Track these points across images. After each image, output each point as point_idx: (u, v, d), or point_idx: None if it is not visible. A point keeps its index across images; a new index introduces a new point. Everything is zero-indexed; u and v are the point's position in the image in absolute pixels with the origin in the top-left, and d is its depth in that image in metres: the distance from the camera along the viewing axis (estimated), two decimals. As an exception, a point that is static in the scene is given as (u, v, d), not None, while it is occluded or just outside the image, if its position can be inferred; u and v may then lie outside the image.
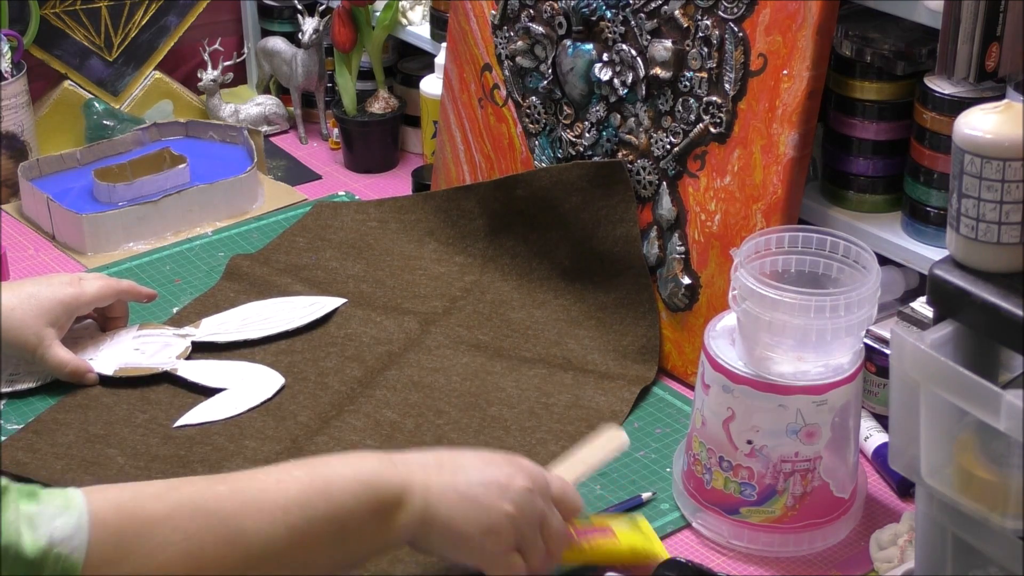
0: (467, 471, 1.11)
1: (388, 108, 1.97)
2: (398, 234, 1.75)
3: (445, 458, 1.13)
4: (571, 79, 1.57)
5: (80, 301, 1.49)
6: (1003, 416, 0.97)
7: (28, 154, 1.89)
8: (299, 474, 1.07)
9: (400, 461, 1.10)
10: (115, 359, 1.50)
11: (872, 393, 1.41)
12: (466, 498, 1.10)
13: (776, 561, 1.28)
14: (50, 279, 1.50)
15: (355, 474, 1.07)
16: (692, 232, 1.49)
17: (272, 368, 1.50)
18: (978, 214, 1.05)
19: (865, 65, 1.42)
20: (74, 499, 0.97)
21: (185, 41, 2.10)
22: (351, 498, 1.06)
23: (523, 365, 1.52)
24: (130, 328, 1.55)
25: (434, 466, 1.11)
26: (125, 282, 1.55)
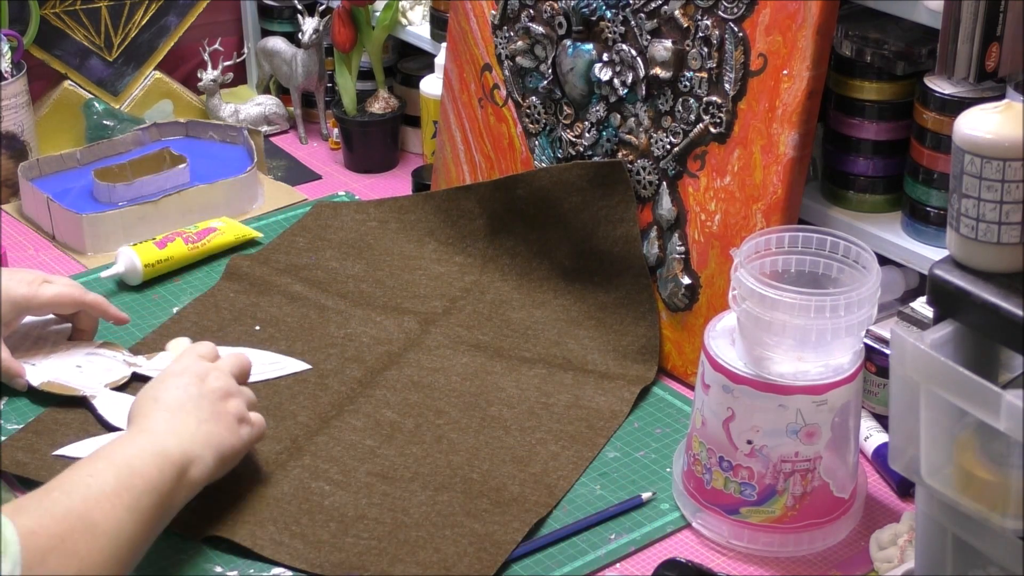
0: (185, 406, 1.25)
1: (388, 108, 1.97)
2: (398, 234, 1.75)
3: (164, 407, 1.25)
4: (571, 79, 1.57)
5: (32, 303, 1.47)
6: (1003, 416, 0.97)
7: (28, 154, 1.89)
8: (101, 466, 1.15)
9: (148, 429, 1.22)
10: (51, 371, 1.48)
11: (872, 393, 1.41)
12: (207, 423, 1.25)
13: (776, 561, 1.28)
14: (13, 274, 1.48)
15: (143, 451, 1.18)
16: (692, 232, 1.49)
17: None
18: (978, 214, 1.05)
19: (865, 65, 1.42)
20: (11, 544, 1.03)
21: (185, 41, 2.10)
22: (155, 469, 1.17)
23: (523, 365, 1.52)
24: (89, 343, 1.53)
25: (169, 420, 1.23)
26: (92, 296, 1.51)
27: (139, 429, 1.23)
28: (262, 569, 1.25)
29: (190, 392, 1.26)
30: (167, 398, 1.26)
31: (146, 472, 1.16)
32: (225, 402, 1.28)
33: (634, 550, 1.28)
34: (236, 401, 1.30)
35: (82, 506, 1.10)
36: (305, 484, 1.33)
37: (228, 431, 1.26)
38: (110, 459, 1.17)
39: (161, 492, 1.17)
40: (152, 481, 1.16)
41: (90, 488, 1.12)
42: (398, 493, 1.33)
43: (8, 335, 1.48)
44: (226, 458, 1.26)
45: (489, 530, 1.28)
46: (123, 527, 1.12)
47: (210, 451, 1.23)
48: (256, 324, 1.59)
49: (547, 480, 1.35)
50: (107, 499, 1.12)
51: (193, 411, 1.25)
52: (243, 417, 1.29)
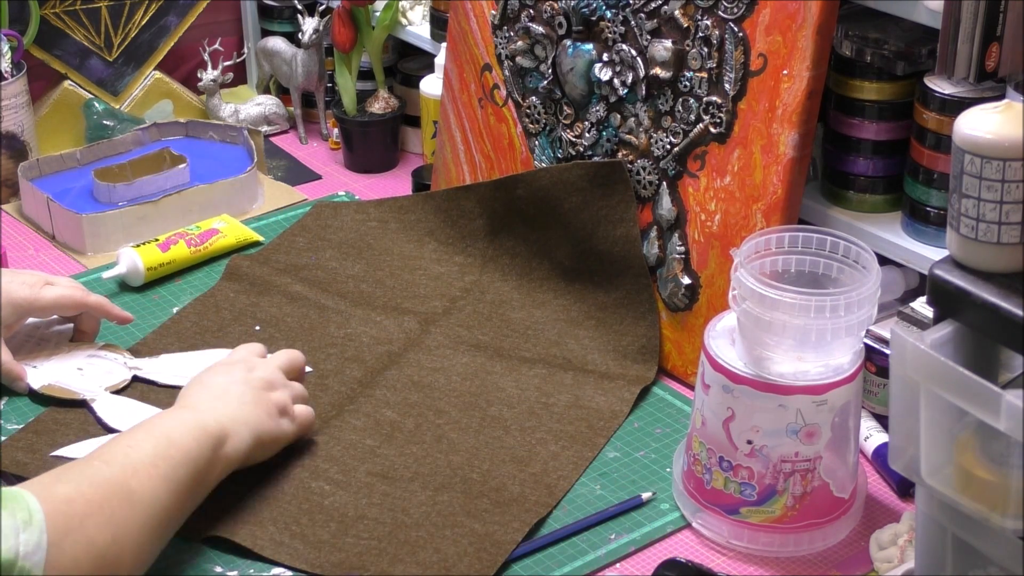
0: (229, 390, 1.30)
1: (388, 108, 1.97)
2: (398, 234, 1.75)
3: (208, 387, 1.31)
4: (571, 79, 1.57)
5: (34, 305, 1.47)
6: (1003, 416, 0.97)
7: (28, 154, 1.89)
8: (141, 436, 1.20)
9: (190, 405, 1.28)
10: (52, 374, 1.48)
11: (872, 393, 1.41)
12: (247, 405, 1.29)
13: (776, 561, 1.28)
14: (14, 275, 1.48)
15: (183, 423, 1.23)
16: (692, 232, 1.49)
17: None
18: (978, 214, 1.05)
19: (865, 65, 1.42)
20: (35, 514, 1.06)
21: (185, 41, 2.10)
22: (192, 441, 1.21)
23: (523, 365, 1.52)
24: (91, 345, 1.53)
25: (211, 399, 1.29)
26: (95, 297, 1.52)
27: (181, 406, 1.29)
28: (262, 569, 1.25)
29: (235, 378, 1.32)
30: (213, 382, 1.32)
31: (183, 443, 1.20)
32: (268, 391, 1.33)
33: (634, 550, 1.28)
34: (280, 392, 1.34)
35: (120, 474, 1.14)
36: (305, 484, 1.33)
37: (268, 416, 1.31)
38: (150, 431, 1.21)
39: (197, 464, 1.21)
40: (189, 452, 1.20)
41: (128, 457, 1.16)
42: (398, 493, 1.33)
43: (9, 337, 1.48)
44: (264, 441, 1.30)
45: (489, 530, 1.28)
46: (159, 496, 1.16)
47: (247, 430, 1.28)
48: (256, 324, 1.59)
49: (547, 480, 1.35)
50: (144, 468, 1.16)
51: (235, 394, 1.30)
52: (285, 408, 1.34)
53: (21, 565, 1.03)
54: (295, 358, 1.41)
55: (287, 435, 1.34)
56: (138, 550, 1.13)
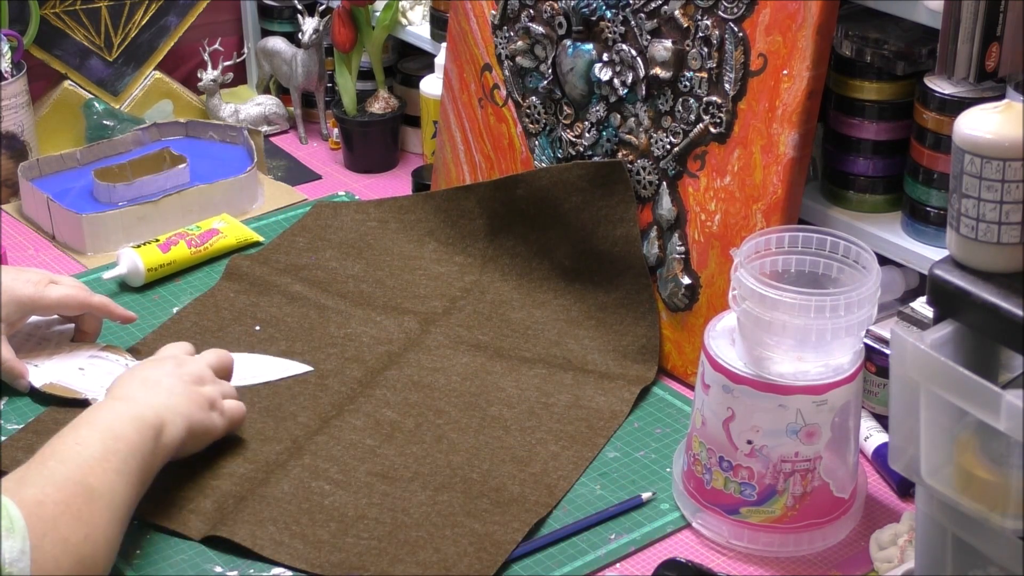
0: (160, 382, 1.32)
1: (388, 108, 1.97)
2: (398, 234, 1.75)
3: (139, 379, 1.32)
4: (571, 79, 1.57)
5: (38, 304, 1.47)
6: (1003, 416, 0.97)
7: (28, 154, 1.89)
8: (85, 432, 1.21)
9: (122, 396, 1.29)
10: (54, 373, 1.48)
11: (872, 393, 1.41)
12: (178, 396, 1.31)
13: (776, 561, 1.28)
14: (19, 273, 1.48)
15: (121, 415, 1.24)
16: (692, 232, 1.49)
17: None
18: (978, 214, 1.05)
19: (865, 65, 1.42)
20: (16, 521, 1.07)
21: (185, 41, 2.10)
22: (135, 433, 1.23)
23: (523, 365, 1.52)
24: (92, 346, 1.53)
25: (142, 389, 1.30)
26: (98, 298, 1.52)
27: (115, 397, 1.29)
28: (262, 569, 1.25)
29: (166, 370, 1.34)
30: (143, 375, 1.33)
31: (127, 436, 1.22)
32: (198, 385, 1.34)
33: (634, 550, 1.28)
34: (210, 387, 1.36)
35: (78, 472, 1.16)
36: (305, 484, 1.33)
37: (198, 408, 1.33)
38: (93, 425, 1.22)
39: (143, 454, 1.23)
40: (133, 444, 1.22)
41: (80, 455, 1.18)
42: (398, 493, 1.33)
43: (11, 335, 1.48)
44: (196, 432, 1.32)
45: (489, 530, 1.28)
46: (116, 489, 1.18)
47: (180, 419, 1.29)
48: (256, 324, 1.59)
49: (547, 480, 1.35)
50: (98, 464, 1.18)
51: (166, 386, 1.31)
52: (214, 402, 1.35)
53: (8, 573, 1.04)
54: (223, 357, 1.42)
55: (217, 428, 1.35)
56: (108, 545, 1.15)
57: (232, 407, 1.37)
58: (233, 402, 1.38)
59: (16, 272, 1.48)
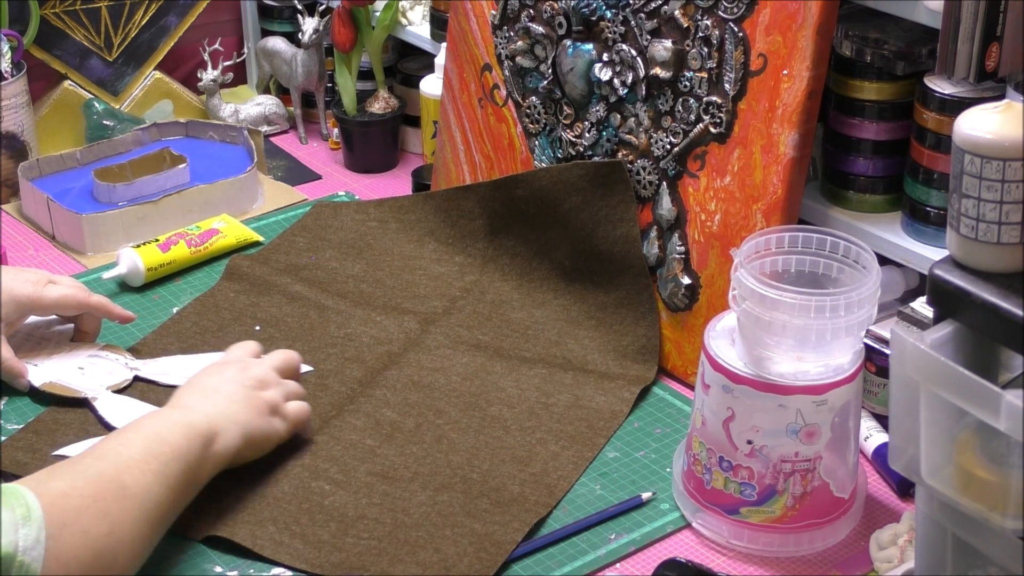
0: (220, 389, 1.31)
1: (388, 108, 1.97)
2: (398, 234, 1.75)
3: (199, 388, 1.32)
4: (571, 79, 1.57)
5: (36, 304, 1.47)
6: (1003, 416, 0.97)
7: (28, 154, 1.89)
8: (131, 436, 1.21)
9: (180, 405, 1.29)
10: (53, 372, 1.48)
11: (872, 393, 1.41)
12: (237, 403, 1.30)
13: (776, 561, 1.28)
14: (18, 273, 1.48)
15: (172, 422, 1.24)
16: (692, 232, 1.49)
17: None
18: (978, 214, 1.05)
19: (865, 65, 1.42)
20: (34, 510, 1.07)
21: (185, 41, 2.10)
22: (182, 439, 1.22)
23: (523, 365, 1.52)
24: (92, 345, 1.53)
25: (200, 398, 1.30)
26: (96, 297, 1.52)
27: (172, 405, 1.30)
28: (262, 569, 1.25)
29: (227, 377, 1.33)
30: (204, 382, 1.33)
31: (173, 441, 1.21)
32: (260, 390, 1.34)
33: (634, 550, 1.28)
34: (273, 391, 1.35)
35: (112, 470, 1.16)
36: (305, 484, 1.33)
37: (258, 415, 1.32)
38: (140, 430, 1.23)
39: (188, 460, 1.22)
40: (179, 449, 1.21)
41: (120, 455, 1.18)
42: (398, 493, 1.33)
43: (11, 335, 1.48)
44: (253, 439, 1.31)
45: (489, 530, 1.28)
46: (151, 491, 1.17)
47: (236, 428, 1.29)
48: (256, 324, 1.59)
49: (547, 480, 1.35)
50: (136, 465, 1.17)
51: (226, 393, 1.31)
52: (276, 407, 1.35)
53: (20, 560, 1.04)
54: (290, 358, 1.42)
55: (278, 433, 1.34)
56: (133, 545, 1.14)
57: (295, 409, 1.36)
58: (297, 403, 1.37)
59: (15, 272, 1.48)
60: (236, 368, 1.35)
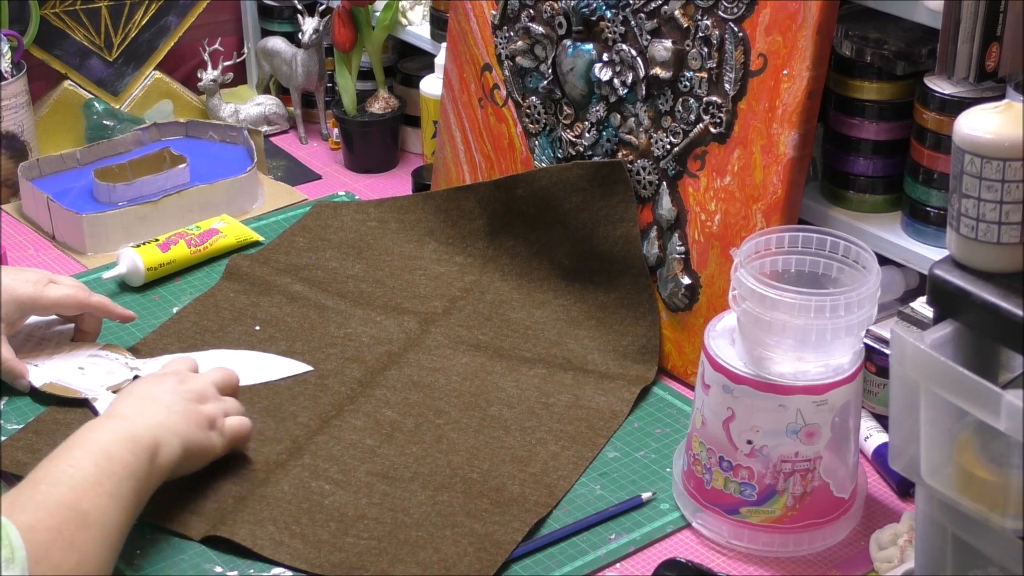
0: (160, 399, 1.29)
1: (388, 108, 1.97)
2: (398, 234, 1.75)
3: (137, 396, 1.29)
4: (571, 79, 1.57)
5: (37, 303, 1.47)
6: (1003, 416, 0.97)
7: (28, 154, 1.89)
8: (79, 455, 1.18)
9: (118, 415, 1.26)
10: (54, 372, 1.48)
11: (872, 393, 1.41)
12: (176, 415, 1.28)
13: (776, 561, 1.28)
14: (18, 273, 1.48)
15: (115, 436, 1.21)
16: (692, 232, 1.49)
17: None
18: (978, 214, 1.05)
19: (865, 65, 1.42)
20: (17, 551, 1.05)
21: (185, 41, 2.10)
22: (130, 455, 1.20)
23: (523, 365, 1.52)
24: (92, 345, 1.53)
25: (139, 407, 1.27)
26: (97, 297, 1.51)
27: (109, 415, 1.27)
28: (262, 569, 1.25)
29: (165, 387, 1.31)
30: (142, 390, 1.31)
31: (122, 458, 1.19)
32: (198, 403, 1.32)
33: (634, 550, 1.28)
34: (211, 405, 1.33)
35: (71, 497, 1.13)
36: (305, 484, 1.33)
37: (197, 427, 1.30)
38: (86, 447, 1.19)
39: (138, 476, 1.20)
40: (129, 466, 1.19)
41: (74, 478, 1.15)
42: (398, 493, 1.33)
43: (11, 335, 1.48)
44: (192, 452, 1.29)
45: (489, 530, 1.28)
46: (109, 513, 1.15)
47: (177, 439, 1.26)
48: (256, 324, 1.59)
49: (547, 480, 1.35)
50: (91, 488, 1.15)
51: (165, 403, 1.29)
52: (214, 421, 1.33)
53: None
54: (228, 374, 1.39)
55: (215, 448, 1.32)
56: (99, 571, 1.12)
57: (234, 425, 1.35)
58: (235, 419, 1.35)
59: (15, 272, 1.48)
60: (175, 379, 1.33)
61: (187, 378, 1.34)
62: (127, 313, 1.54)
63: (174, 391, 1.31)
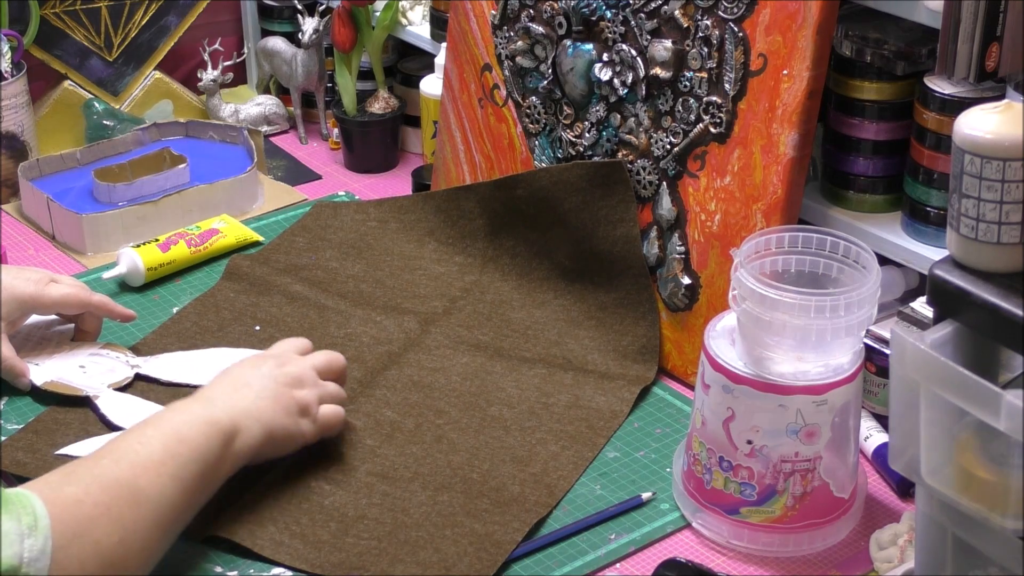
0: (251, 384, 1.28)
1: (388, 108, 1.97)
2: (398, 234, 1.75)
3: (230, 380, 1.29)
4: (571, 79, 1.57)
5: (39, 302, 1.47)
6: (1003, 416, 0.97)
7: (28, 154, 1.89)
8: (151, 433, 1.18)
9: (205, 397, 1.25)
10: (54, 371, 1.48)
11: (872, 393, 1.41)
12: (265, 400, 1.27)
13: (776, 561, 1.28)
14: (19, 272, 1.48)
15: (194, 418, 1.21)
16: (692, 232, 1.49)
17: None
18: (978, 214, 1.05)
19: (865, 65, 1.42)
20: (40, 519, 1.05)
21: (185, 41, 2.10)
22: (202, 437, 1.20)
23: (523, 365, 1.52)
24: (93, 344, 1.53)
25: (229, 391, 1.27)
26: (98, 297, 1.51)
27: (197, 397, 1.26)
28: (262, 569, 1.25)
29: (261, 371, 1.30)
30: (236, 373, 1.30)
31: (192, 439, 1.19)
32: (293, 388, 1.31)
33: (634, 550, 1.28)
34: (306, 391, 1.32)
35: (129, 474, 1.13)
36: (305, 484, 1.33)
37: (285, 413, 1.29)
38: (160, 426, 1.20)
39: (207, 460, 1.19)
40: (198, 449, 1.19)
41: (138, 455, 1.15)
42: (398, 493, 1.33)
43: (12, 335, 1.48)
44: (276, 438, 1.28)
45: (489, 530, 1.28)
46: (167, 494, 1.15)
47: (259, 426, 1.26)
48: (256, 324, 1.59)
49: (547, 480, 1.35)
50: (153, 466, 1.15)
51: (256, 388, 1.28)
52: (307, 407, 1.31)
53: (25, 573, 1.03)
54: (334, 359, 1.38)
55: (304, 435, 1.32)
56: (144, 550, 1.13)
57: (327, 413, 1.33)
58: (330, 408, 1.34)
59: (16, 271, 1.48)
60: (273, 363, 1.32)
61: (286, 361, 1.33)
62: (128, 312, 1.54)
63: (268, 375, 1.30)
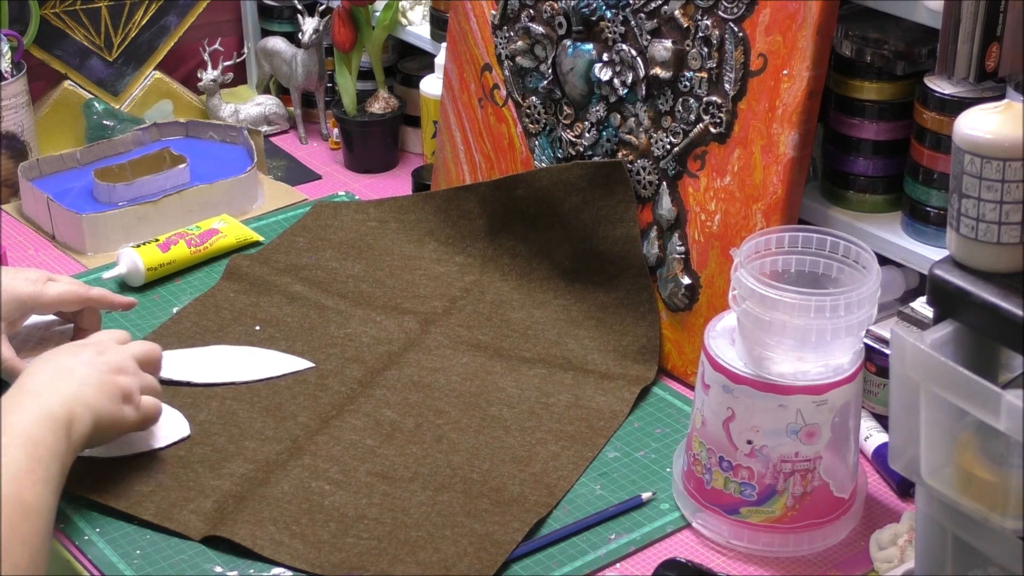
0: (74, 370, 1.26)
1: (388, 108, 1.97)
2: (398, 234, 1.75)
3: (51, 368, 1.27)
4: (571, 79, 1.57)
5: (38, 302, 1.47)
6: (1003, 416, 0.97)
7: (28, 154, 1.89)
8: (6, 441, 1.15)
9: (31, 391, 1.23)
10: None
11: (872, 393, 1.41)
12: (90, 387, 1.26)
13: (776, 561, 1.28)
14: (17, 272, 1.48)
15: (35, 419, 1.19)
16: (692, 232, 1.49)
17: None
18: (978, 214, 1.05)
19: (865, 65, 1.42)
20: None
21: (185, 41, 2.10)
22: (50, 434, 1.18)
23: (523, 365, 1.52)
24: None
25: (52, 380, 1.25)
26: (96, 290, 1.51)
27: (23, 390, 1.23)
28: (262, 569, 1.25)
29: (82, 359, 1.29)
30: (55, 361, 1.28)
31: (44, 438, 1.18)
32: (115, 376, 1.29)
33: (634, 550, 1.28)
34: (128, 379, 1.31)
35: (11, 489, 1.11)
36: (305, 484, 1.33)
37: (110, 399, 1.27)
38: (9, 432, 1.16)
39: (61, 457, 1.18)
40: (52, 447, 1.18)
41: (8, 469, 1.12)
42: (398, 493, 1.33)
43: (11, 335, 1.48)
44: (103, 426, 1.26)
45: (489, 530, 1.28)
46: (45, 502, 1.13)
47: (88, 412, 1.24)
48: (256, 324, 1.59)
49: (547, 480, 1.35)
50: (26, 477, 1.13)
51: (78, 375, 1.26)
52: (130, 395, 1.30)
53: None
54: (151, 349, 1.37)
55: (127, 421, 1.30)
56: (44, 561, 1.11)
57: (148, 403, 1.32)
58: (150, 399, 1.33)
59: (15, 272, 1.48)
60: (93, 351, 1.30)
61: (106, 349, 1.32)
62: (127, 300, 1.54)
63: (90, 363, 1.28)
